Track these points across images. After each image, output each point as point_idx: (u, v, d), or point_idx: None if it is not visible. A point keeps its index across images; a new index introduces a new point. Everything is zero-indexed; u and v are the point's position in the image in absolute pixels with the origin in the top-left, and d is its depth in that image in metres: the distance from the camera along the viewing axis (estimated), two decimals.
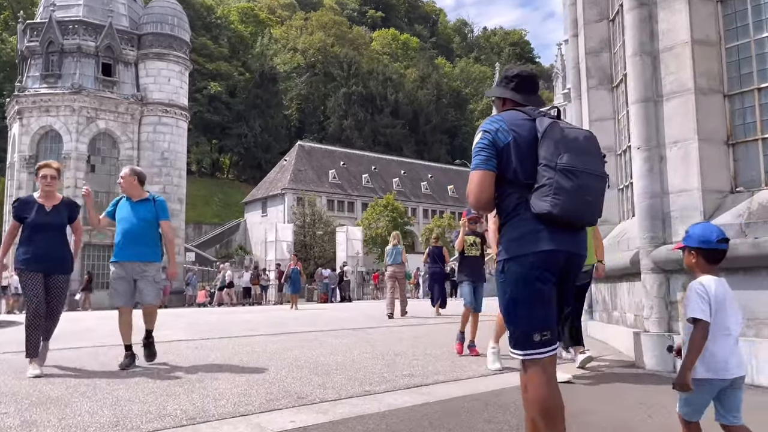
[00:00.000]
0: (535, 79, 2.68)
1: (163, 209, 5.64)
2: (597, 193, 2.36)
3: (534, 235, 2.31)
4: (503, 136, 2.40)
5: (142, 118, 28.82)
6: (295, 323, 10.60)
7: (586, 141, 2.38)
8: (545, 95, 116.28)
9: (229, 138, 77.78)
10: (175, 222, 28.93)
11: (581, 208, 2.31)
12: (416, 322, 10.74)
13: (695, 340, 2.33)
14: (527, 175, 2.34)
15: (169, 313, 15.60)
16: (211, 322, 11.46)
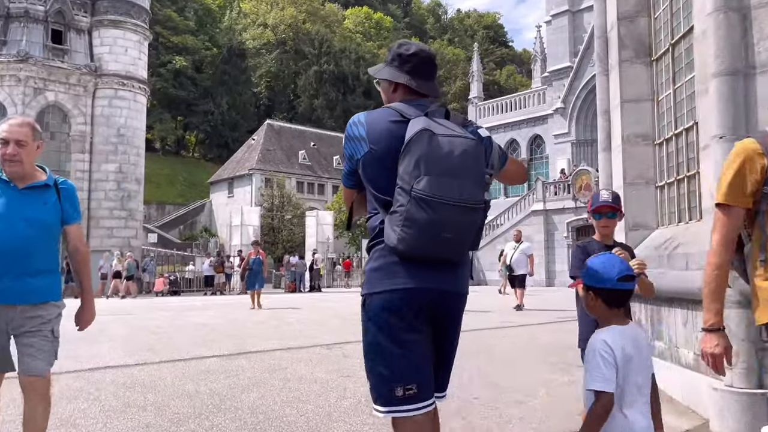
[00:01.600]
0: (434, 61, 2.22)
1: (73, 203, 3.19)
2: (461, 228, 1.96)
3: (391, 269, 2.00)
4: (359, 147, 2.06)
5: (96, 91, 26.63)
6: (256, 332, 9.14)
7: (461, 158, 1.92)
8: (518, 80, 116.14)
9: (195, 115, 75.18)
10: (133, 204, 27.02)
11: (433, 247, 1.93)
12: None
13: (595, 416, 1.98)
14: (388, 194, 1.99)
15: (111, 308, 13.97)
16: (159, 329, 9.90)
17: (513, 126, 37.92)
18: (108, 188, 26.23)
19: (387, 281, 1.98)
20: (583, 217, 29.30)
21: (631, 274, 2.13)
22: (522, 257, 14.09)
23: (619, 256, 2.33)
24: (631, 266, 2.27)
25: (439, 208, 1.88)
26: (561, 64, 34.41)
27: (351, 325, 9.85)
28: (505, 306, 14.43)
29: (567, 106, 33.69)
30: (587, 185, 29.13)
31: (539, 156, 37.06)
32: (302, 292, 26.54)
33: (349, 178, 2.15)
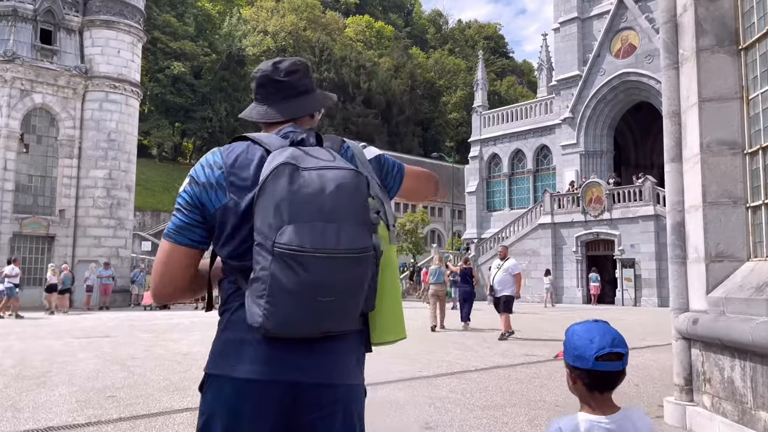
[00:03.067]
0: (281, 75, 1.74)
1: None
2: (344, 287, 1.46)
3: (237, 348, 1.53)
4: (216, 195, 1.59)
5: (86, 94, 25.43)
6: None
7: (335, 196, 1.46)
8: (519, 91, 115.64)
9: (193, 121, 74.22)
10: (123, 212, 25.79)
11: (310, 318, 1.46)
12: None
13: None
14: (244, 256, 1.54)
15: (90, 328, 12.66)
16: (133, 360, 8.62)
17: (519, 136, 36.81)
18: (96, 195, 24.98)
19: (229, 365, 1.53)
20: (594, 231, 28.19)
21: (618, 351, 1.71)
22: (506, 277, 12.05)
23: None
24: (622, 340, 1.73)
25: (312, 265, 1.45)
26: (569, 73, 33.34)
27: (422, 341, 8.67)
28: (521, 332, 13.21)
29: (575, 116, 32.59)
30: (598, 198, 27.97)
31: (546, 167, 35.93)
32: None
33: (183, 234, 1.61)
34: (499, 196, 38.23)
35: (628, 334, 7.82)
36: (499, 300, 12.01)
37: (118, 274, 24.69)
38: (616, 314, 20.37)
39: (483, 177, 38.81)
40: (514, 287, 12.07)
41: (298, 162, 1.51)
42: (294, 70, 1.75)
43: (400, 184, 1.82)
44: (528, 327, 14.59)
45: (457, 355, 9.16)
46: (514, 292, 12.05)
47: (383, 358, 8.46)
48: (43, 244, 24.26)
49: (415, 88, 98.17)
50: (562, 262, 29.08)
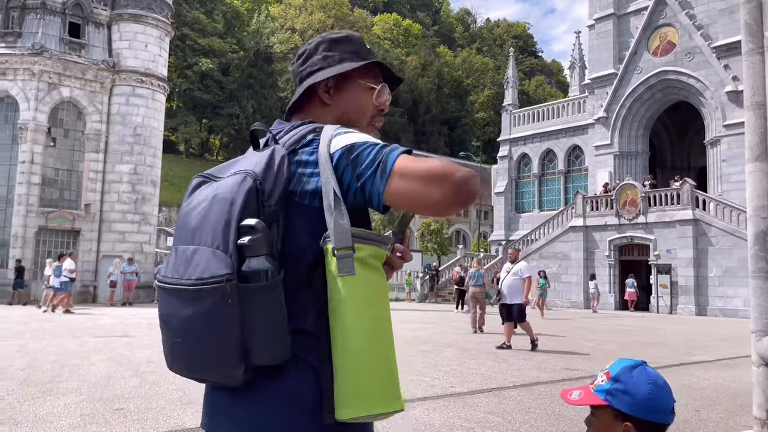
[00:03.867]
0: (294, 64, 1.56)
1: None
2: (185, 325, 1.21)
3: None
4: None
5: (113, 88, 25.31)
6: None
7: (202, 212, 1.25)
8: (547, 90, 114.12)
9: (220, 118, 74.61)
10: (148, 207, 25.62)
11: (172, 361, 1.29)
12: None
13: None
14: None
15: (110, 326, 12.32)
16: (149, 364, 8.16)
17: (550, 136, 35.85)
18: (122, 190, 24.85)
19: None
20: (627, 235, 27.21)
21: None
22: (517, 282, 10.91)
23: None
24: None
25: (161, 297, 1.28)
26: (604, 71, 32.31)
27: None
28: (555, 337, 12.50)
29: (610, 115, 31.55)
30: (633, 201, 26.97)
31: (577, 168, 34.92)
32: None
33: None
34: (529, 197, 37.31)
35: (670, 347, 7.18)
36: (509, 308, 10.86)
37: (142, 269, 24.52)
38: (653, 322, 19.50)
39: (512, 177, 37.93)
40: (524, 293, 11.02)
41: (215, 174, 1.34)
42: (299, 55, 1.52)
43: (384, 187, 1.22)
44: (565, 334, 13.87)
45: (492, 367, 8.53)
46: (523, 300, 11.01)
47: (414, 369, 7.89)
48: (68, 239, 24.19)
49: (442, 87, 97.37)
50: (593, 267, 28.14)
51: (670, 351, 11.33)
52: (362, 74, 1.46)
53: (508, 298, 10.86)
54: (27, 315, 16.64)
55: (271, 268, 1.18)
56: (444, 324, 16.12)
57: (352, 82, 1.45)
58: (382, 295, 1.25)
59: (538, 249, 30.42)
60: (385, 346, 1.23)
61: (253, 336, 1.18)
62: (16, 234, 22.66)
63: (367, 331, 1.20)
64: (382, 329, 1.23)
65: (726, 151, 27.25)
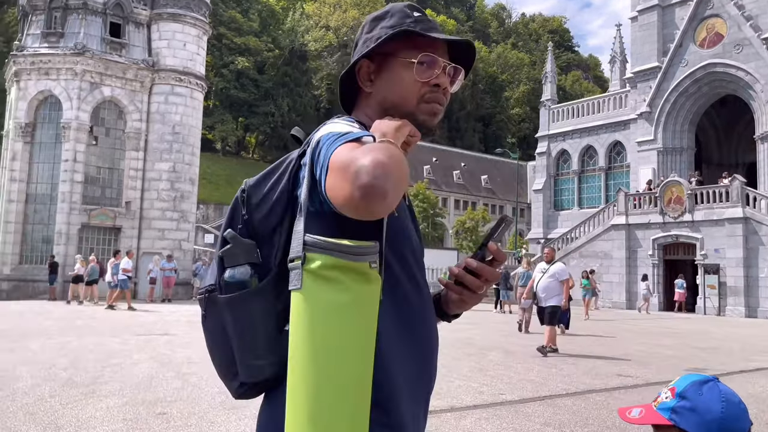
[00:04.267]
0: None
1: None
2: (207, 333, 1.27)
3: None
4: None
5: (152, 87, 25.61)
6: None
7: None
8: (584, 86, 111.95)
9: (256, 116, 75.33)
10: (186, 204, 25.88)
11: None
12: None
13: None
14: None
15: (151, 323, 12.39)
16: (190, 365, 8.07)
17: (590, 132, 34.96)
18: (161, 188, 25.14)
19: None
20: (672, 234, 26.35)
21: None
22: (553, 283, 10.35)
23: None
24: None
25: None
26: (647, 65, 31.29)
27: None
28: (601, 338, 12.03)
29: (653, 110, 30.56)
30: (678, 198, 26.07)
31: (619, 164, 33.96)
32: None
33: None
34: (568, 194, 36.49)
35: (726, 352, 6.63)
36: (543, 310, 10.37)
37: (181, 266, 24.76)
38: (702, 324, 18.75)
39: (551, 174, 37.14)
40: (561, 296, 10.36)
41: None
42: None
43: (324, 186, 1.04)
44: (612, 335, 13.38)
45: (540, 373, 8.19)
46: (561, 302, 10.35)
47: (460, 373, 7.61)
48: (109, 236, 24.59)
49: (477, 83, 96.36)
50: (636, 266, 27.32)
51: (726, 356, 10.79)
52: (405, 49, 1.25)
53: (544, 300, 10.33)
54: (70, 312, 16.89)
55: (244, 278, 1.12)
56: (485, 325, 15.77)
57: (392, 61, 1.27)
58: (348, 318, 1.03)
59: (578, 248, 29.69)
60: (339, 400, 1.01)
61: (237, 348, 1.15)
62: (60, 231, 23.11)
63: (310, 373, 1.02)
64: (339, 370, 1.01)
65: None
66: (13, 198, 23.49)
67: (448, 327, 9.70)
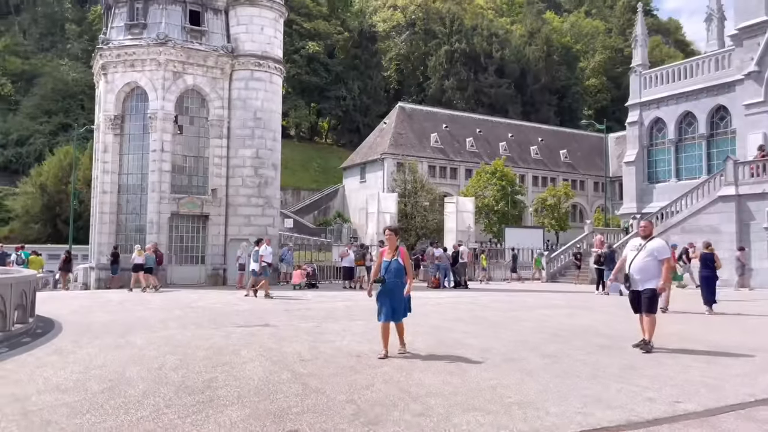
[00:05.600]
0: None
1: None
2: None
3: None
4: None
5: (232, 73, 25.48)
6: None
7: None
8: (665, 51, 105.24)
9: (328, 101, 75.36)
10: (270, 190, 25.74)
11: None
12: None
13: None
14: None
15: (248, 310, 11.89)
16: (303, 363, 7.43)
17: (688, 96, 32.32)
18: (245, 174, 25.08)
19: None
20: None
21: None
22: (651, 263, 8.34)
23: None
24: None
25: None
26: (755, 19, 28.40)
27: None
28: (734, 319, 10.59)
29: (763, 69, 27.76)
30: None
31: (723, 131, 31.24)
32: (446, 288, 23.84)
33: None
34: (663, 165, 34.03)
35: None
36: (638, 295, 8.44)
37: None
38: None
39: (643, 145, 34.73)
40: (660, 278, 8.35)
41: None
42: None
43: None
44: (744, 317, 11.88)
45: (703, 371, 7.04)
46: (658, 285, 8.37)
47: (607, 371, 6.48)
48: (197, 223, 24.80)
49: (551, 54, 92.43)
50: (749, 240, 24.97)
51: None
52: None
53: (640, 284, 8.39)
54: (171, 300, 16.91)
55: None
56: (597, 309, 14.53)
57: None
58: None
59: (680, 222, 27.52)
60: None
61: None
62: (152, 220, 23.45)
63: None
64: None
65: None
66: (106, 189, 24.02)
67: (560, 311, 8.57)
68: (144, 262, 20.59)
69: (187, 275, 24.16)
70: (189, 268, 24.43)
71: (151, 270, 20.74)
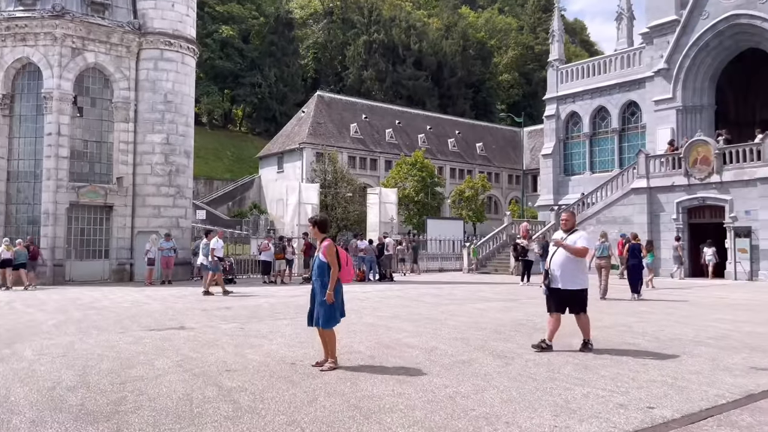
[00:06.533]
0: None
1: None
2: None
3: None
4: None
5: (140, 52, 23.47)
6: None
7: None
8: (572, 50, 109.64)
9: (242, 87, 72.68)
10: (182, 179, 24.04)
11: None
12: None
13: None
14: None
15: (160, 311, 10.53)
16: (227, 372, 6.45)
17: (602, 92, 33.36)
18: (155, 161, 23.23)
19: None
20: (699, 197, 25.02)
21: None
22: (572, 258, 7.47)
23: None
24: None
25: None
26: (664, 18, 29.57)
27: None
28: (661, 314, 10.60)
29: (672, 66, 28.96)
30: (705, 159, 24.67)
31: (634, 125, 32.46)
32: (371, 282, 23.21)
33: None
34: (579, 158, 35.02)
35: None
36: (559, 295, 7.51)
37: (180, 245, 23.06)
38: (753, 293, 17.38)
39: (560, 138, 35.58)
40: (585, 275, 7.62)
41: None
42: None
43: None
44: (668, 314, 11.96)
45: (663, 369, 6.72)
46: (585, 283, 7.58)
47: (566, 374, 5.97)
48: (101, 214, 22.75)
49: (467, 49, 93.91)
50: (659, 231, 26.00)
51: None
52: None
53: (560, 281, 7.45)
54: (69, 300, 15.16)
55: None
56: (528, 302, 14.33)
57: None
58: None
59: (595, 214, 28.34)
60: None
61: None
62: (47, 211, 21.23)
63: None
64: None
65: None
66: None
67: (495, 306, 8.02)
68: (12, 257, 18.67)
69: (89, 271, 22.13)
70: (91, 263, 22.38)
71: (24, 266, 18.86)
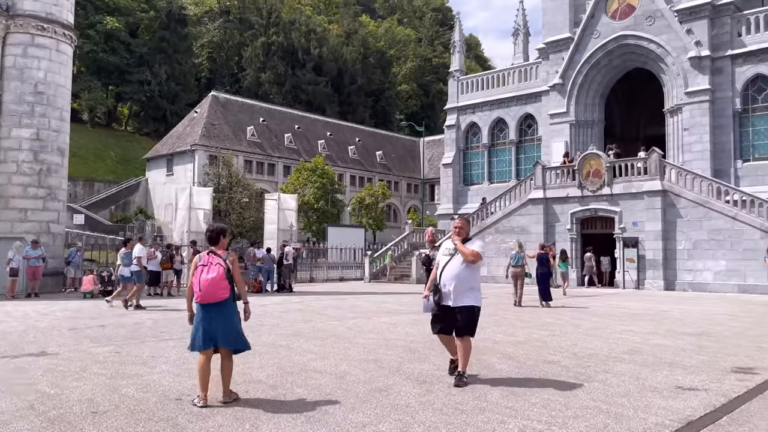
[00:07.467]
0: None
1: None
2: None
3: None
4: None
5: (6, 36, 20.76)
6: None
7: None
8: (467, 64, 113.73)
9: (129, 84, 68.21)
10: (55, 179, 21.53)
11: None
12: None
13: None
14: None
15: (18, 332, 8.50)
16: (104, 413, 5.17)
17: (500, 104, 34.12)
18: (21, 159, 20.57)
19: None
20: (591, 208, 25.93)
21: None
22: (467, 271, 6.42)
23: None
24: None
25: None
26: (559, 35, 30.73)
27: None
28: (570, 327, 10.42)
29: (566, 82, 30.10)
30: (597, 171, 25.64)
31: (530, 138, 33.43)
32: (269, 293, 21.91)
33: None
34: (478, 168, 35.58)
35: (732, 341, 4.00)
36: (450, 314, 6.40)
37: (50, 253, 20.56)
38: (643, 303, 17.95)
39: (460, 148, 36.01)
40: (480, 291, 6.55)
41: None
42: None
43: None
44: (577, 325, 11.84)
45: (590, 392, 6.23)
46: (479, 300, 6.48)
47: (491, 400, 5.28)
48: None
49: (368, 57, 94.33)
50: (555, 241, 26.69)
51: (728, 344, 9.54)
52: None
53: (453, 297, 6.35)
54: None
55: None
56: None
57: None
58: None
59: (494, 223, 28.72)
60: None
61: None
62: None
63: None
64: None
65: (688, 120, 26.44)
66: None
67: (404, 320, 7.19)
68: None
69: None
70: None
71: None
